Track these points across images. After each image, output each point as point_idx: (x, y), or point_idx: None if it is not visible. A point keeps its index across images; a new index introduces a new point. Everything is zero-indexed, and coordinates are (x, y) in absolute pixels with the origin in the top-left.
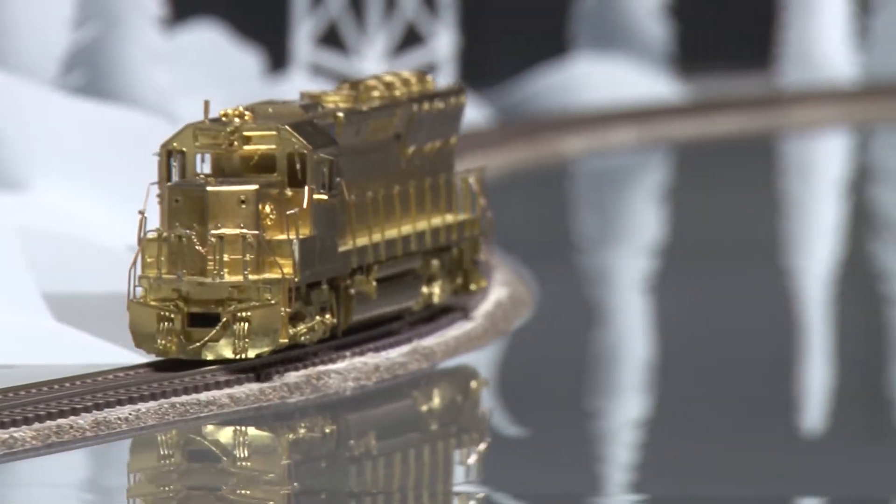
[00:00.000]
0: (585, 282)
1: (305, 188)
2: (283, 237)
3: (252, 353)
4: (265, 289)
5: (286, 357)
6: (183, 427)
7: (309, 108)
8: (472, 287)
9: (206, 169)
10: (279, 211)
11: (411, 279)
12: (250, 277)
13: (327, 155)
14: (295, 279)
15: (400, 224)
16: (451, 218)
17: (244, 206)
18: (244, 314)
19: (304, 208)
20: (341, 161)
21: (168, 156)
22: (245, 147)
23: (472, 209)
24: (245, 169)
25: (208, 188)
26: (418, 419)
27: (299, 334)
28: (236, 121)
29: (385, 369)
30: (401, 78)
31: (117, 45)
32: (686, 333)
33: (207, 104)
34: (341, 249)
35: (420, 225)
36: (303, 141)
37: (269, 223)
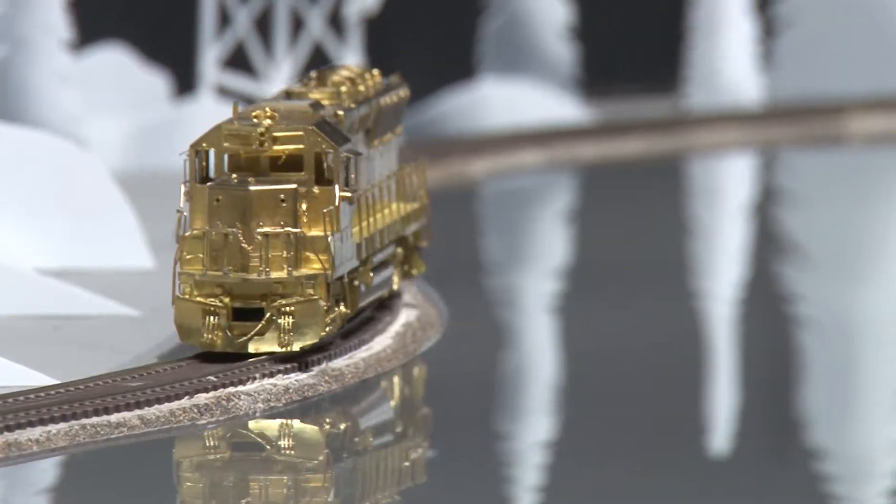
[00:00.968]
0: (493, 303)
1: (336, 186)
2: (318, 233)
3: (297, 346)
4: (307, 284)
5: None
6: (94, 448)
7: (316, 108)
8: (415, 272)
9: (224, 168)
10: (311, 208)
11: (384, 267)
12: (294, 273)
13: (348, 153)
14: (332, 274)
15: (381, 215)
16: (408, 207)
17: (284, 205)
18: (288, 309)
19: (337, 205)
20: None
21: (196, 155)
22: (274, 147)
23: (415, 198)
24: (272, 168)
25: (251, 188)
26: (327, 442)
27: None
28: (267, 122)
29: (294, 391)
30: (354, 72)
31: (25, 67)
32: (594, 355)
33: (237, 105)
34: (355, 243)
35: (392, 215)
36: (329, 140)
37: (305, 220)
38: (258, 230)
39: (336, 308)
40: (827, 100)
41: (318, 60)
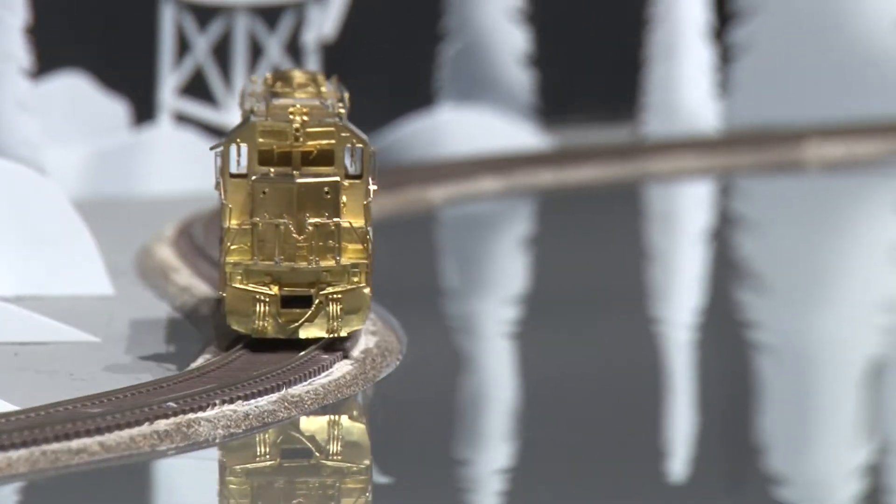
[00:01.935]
0: (452, 329)
1: (369, 179)
2: (357, 224)
3: (344, 332)
4: (353, 272)
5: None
6: (54, 474)
7: (327, 106)
8: None
9: (244, 162)
10: (347, 200)
11: None
12: (341, 262)
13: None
14: (371, 263)
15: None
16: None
17: (328, 196)
18: (336, 296)
19: (371, 198)
20: None
21: (230, 151)
22: (308, 143)
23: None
24: (303, 163)
25: (298, 180)
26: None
27: None
28: (302, 118)
29: (254, 417)
30: (307, 74)
31: None
32: (552, 381)
33: (269, 103)
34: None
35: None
36: (360, 136)
37: (345, 212)
38: (309, 221)
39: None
40: (784, 126)
41: None
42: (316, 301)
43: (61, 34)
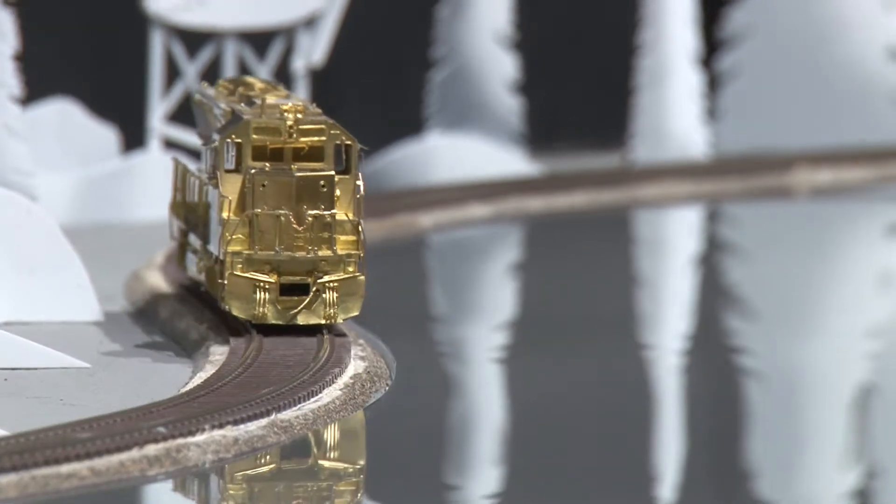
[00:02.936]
0: (442, 355)
1: (360, 175)
2: (350, 216)
3: (340, 319)
4: (349, 262)
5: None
6: (44, 499)
7: (310, 106)
8: None
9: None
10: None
11: None
12: (338, 252)
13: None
14: (363, 253)
15: None
16: None
17: (324, 190)
18: (333, 284)
19: (362, 193)
20: None
21: (226, 147)
22: (300, 140)
23: None
24: (294, 159)
25: (297, 174)
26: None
27: None
28: (297, 115)
29: (244, 442)
30: (262, 80)
31: None
32: (541, 406)
33: (265, 102)
34: None
35: None
36: (348, 133)
37: (337, 205)
38: (308, 212)
39: None
40: (773, 153)
41: None
42: (313, 289)
43: (51, 61)
